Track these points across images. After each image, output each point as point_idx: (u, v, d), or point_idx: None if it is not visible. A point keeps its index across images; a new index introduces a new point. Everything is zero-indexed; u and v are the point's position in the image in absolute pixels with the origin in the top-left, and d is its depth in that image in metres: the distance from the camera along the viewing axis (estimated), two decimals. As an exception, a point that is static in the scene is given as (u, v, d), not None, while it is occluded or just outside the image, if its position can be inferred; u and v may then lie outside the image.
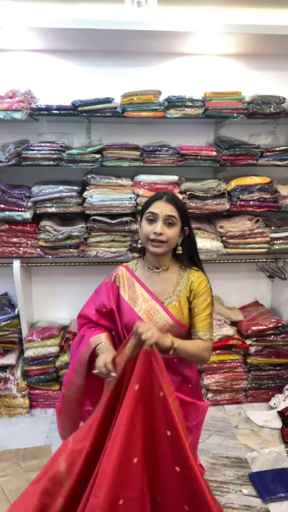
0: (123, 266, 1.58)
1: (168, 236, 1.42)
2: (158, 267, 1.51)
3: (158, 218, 1.42)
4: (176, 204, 1.46)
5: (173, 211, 1.44)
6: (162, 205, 1.43)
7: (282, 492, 2.04)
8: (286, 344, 2.77)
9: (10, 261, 2.58)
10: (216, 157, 2.52)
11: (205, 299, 1.48)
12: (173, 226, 1.44)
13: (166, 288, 1.50)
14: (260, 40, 2.44)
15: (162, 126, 2.69)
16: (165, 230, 1.42)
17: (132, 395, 1.25)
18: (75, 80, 2.61)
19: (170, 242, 1.45)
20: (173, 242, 1.46)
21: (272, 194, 2.60)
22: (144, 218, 1.47)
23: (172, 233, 1.43)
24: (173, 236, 1.44)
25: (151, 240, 1.44)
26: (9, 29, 2.28)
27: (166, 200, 1.44)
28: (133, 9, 2.08)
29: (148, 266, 1.52)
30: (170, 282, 1.50)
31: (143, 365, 1.25)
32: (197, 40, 2.44)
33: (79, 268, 2.82)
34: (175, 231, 1.45)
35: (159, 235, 1.41)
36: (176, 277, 1.51)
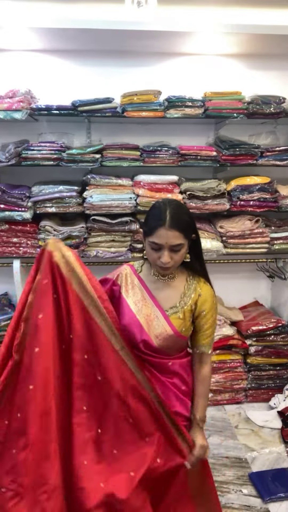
0: (129, 265, 1.53)
1: (176, 261, 1.37)
2: (164, 276, 1.46)
3: (163, 249, 1.33)
4: (181, 226, 1.32)
5: (178, 237, 1.32)
6: (166, 234, 1.31)
7: (282, 492, 2.04)
8: (286, 344, 2.77)
9: (10, 261, 2.58)
10: (216, 157, 2.52)
11: (212, 316, 1.46)
12: (179, 251, 1.36)
13: (172, 297, 1.45)
14: (260, 40, 2.44)
15: (162, 126, 2.69)
16: (172, 256, 1.35)
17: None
18: (75, 80, 2.61)
19: (178, 263, 1.40)
20: (181, 261, 1.41)
21: (272, 194, 2.60)
22: (148, 243, 1.37)
23: (179, 257, 1.37)
24: (180, 258, 1.38)
25: (158, 265, 1.38)
26: (9, 29, 2.28)
27: (169, 227, 1.30)
28: (133, 9, 2.08)
29: (153, 272, 1.47)
30: (176, 291, 1.45)
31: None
32: (197, 40, 2.44)
33: (79, 268, 2.82)
34: (182, 252, 1.37)
35: (166, 263, 1.35)
36: (184, 287, 1.45)
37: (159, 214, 1.33)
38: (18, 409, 1.26)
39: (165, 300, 1.44)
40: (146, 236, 1.38)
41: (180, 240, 1.33)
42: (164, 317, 1.41)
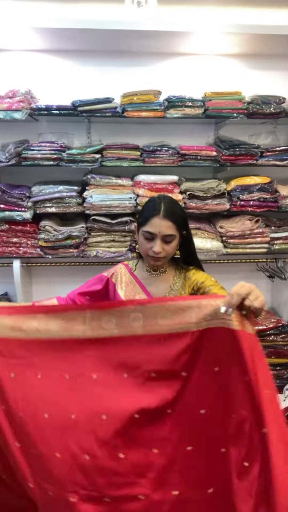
0: (123, 264, 1.60)
1: (167, 252, 1.42)
2: (156, 270, 1.52)
3: (156, 238, 1.39)
4: (174, 218, 1.39)
5: (171, 227, 1.38)
6: (159, 223, 1.37)
7: (282, 492, 2.03)
8: (286, 344, 2.77)
9: (10, 261, 2.58)
10: (216, 157, 2.52)
11: (208, 278, 1.48)
12: (171, 242, 1.41)
13: (162, 288, 1.51)
14: (260, 40, 2.44)
15: (162, 126, 2.69)
16: (164, 247, 1.40)
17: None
18: (75, 80, 2.61)
19: (169, 255, 1.45)
20: (172, 253, 1.46)
21: (272, 194, 2.60)
22: (141, 233, 1.42)
23: (170, 248, 1.42)
24: (171, 250, 1.44)
25: (150, 256, 1.43)
26: (9, 29, 2.28)
27: (163, 217, 1.37)
28: (133, 9, 2.08)
29: (146, 268, 1.54)
30: (166, 283, 1.52)
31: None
32: (197, 40, 2.44)
33: (79, 268, 2.82)
34: (174, 244, 1.43)
35: (158, 253, 1.40)
36: (173, 278, 1.52)
37: (154, 205, 1.41)
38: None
39: (157, 293, 1.50)
40: (140, 227, 1.43)
41: (173, 231, 1.39)
42: None
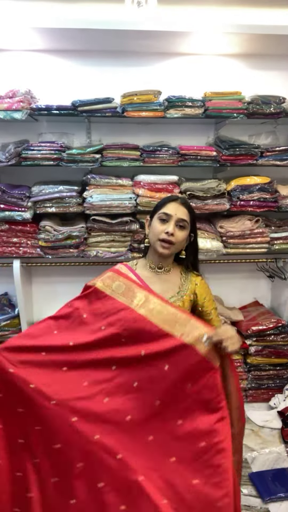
0: (123, 264, 1.60)
1: (178, 238, 1.45)
2: (160, 267, 1.53)
3: (171, 219, 1.45)
4: (189, 209, 1.49)
5: (186, 214, 1.47)
6: (176, 207, 1.46)
7: (282, 492, 2.04)
8: (286, 344, 2.77)
9: (10, 261, 2.58)
10: (216, 157, 2.52)
11: (213, 301, 1.58)
12: (183, 229, 1.47)
13: (170, 288, 1.52)
14: (260, 40, 2.44)
15: (162, 126, 2.69)
16: (176, 232, 1.45)
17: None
18: (75, 80, 2.61)
19: (178, 245, 1.48)
20: (181, 245, 1.50)
21: (272, 194, 2.60)
22: (156, 218, 1.49)
23: (181, 236, 1.46)
24: (181, 239, 1.47)
25: (161, 240, 1.45)
26: (9, 29, 2.28)
27: (180, 203, 1.48)
28: (133, 9, 2.08)
29: (150, 265, 1.54)
30: (173, 283, 1.52)
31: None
32: (197, 40, 2.44)
33: (79, 268, 2.82)
34: (184, 234, 1.48)
35: (170, 236, 1.43)
36: (180, 280, 1.54)
37: (172, 196, 1.54)
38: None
39: (164, 292, 1.49)
40: (155, 212, 1.50)
41: (187, 218, 1.48)
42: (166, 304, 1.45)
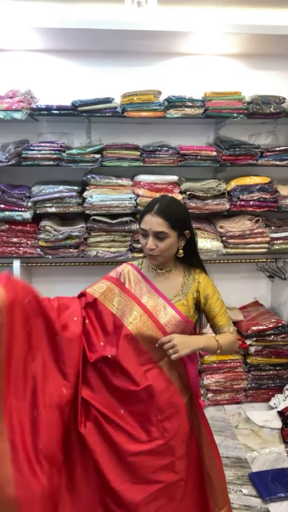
0: (129, 264, 1.60)
1: (161, 249, 1.42)
2: (161, 268, 1.53)
3: (148, 234, 1.43)
4: (166, 216, 1.40)
5: (162, 225, 1.39)
6: (150, 220, 1.41)
7: (282, 492, 2.04)
8: (286, 344, 2.77)
9: (10, 261, 2.58)
10: (216, 157, 2.52)
11: (218, 298, 1.55)
12: (164, 239, 1.42)
13: (173, 287, 1.51)
14: (260, 40, 2.44)
15: (162, 126, 2.69)
16: (157, 244, 1.41)
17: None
18: (75, 80, 2.61)
19: (165, 254, 1.45)
20: (169, 252, 1.46)
21: (272, 194, 2.60)
22: (139, 231, 1.49)
23: (164, 245, 1.42)
24: (166, 248, 1.43)
25: (147, 252, 1.46)
26: (9, 29, 2.28)
27: (155, 213, 1.40)
28: (133, 9, 2.08)
29: (152, 267, 1.55)
30: (176, 282, 1.52)
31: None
32: (197, 40, 2.44)
33: (79, 268, 2.82)
34: (168, 242, 1.42)
35: (151, 250, 1.42)
36: (182, 278, 1.53)
37: (150, 204, 1.46)
38: None
39: (168, 291, 1.50)
40: (139, 226, 1.49)
41: (164, 228, 1.41)
42: (170, 306, 1.47)
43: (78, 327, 1.38)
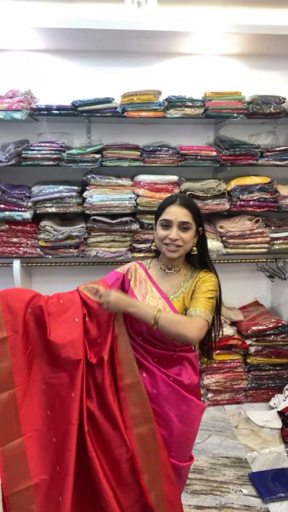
0: (137, 262, 1.60)
1: (184, 240, 1.43)
2: (170, 268, 1.52)
3: (172, 224, 1.42)
4: (190, 207, 1.45)
5: (187, 215, 1.43)
6: (175, 210, 1.42)
7: (282, 492, 2.04)
8: (286, 344, 2.77)
9: (10, 261, 2.58)
10: (216, 157, 2.52)
11: (206, 287, 1.45)
12: (187, 230, 1.44)
13: (173, 286, 1.51)
14: (260, 40, 2.45)
15: (162, 126, 2.69)
16: (181, 235, 1.42)
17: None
18: (75, 80, 2.61)
19: (186, 246, 1.46)
20: (189, 245, 1.47)
21: (272, 194, 2.60)
22: (158, 224, 1.47)
23: (187, 236, 1.44)
24: (188, 240, 1.45)
25: (166, 244, 1.44)
26: (9, 29, 2.28)
27: (179, 204, 1.43)
28: (133, 9, 2.08)
29: (161, 266, 1.54)
30: (178, 282, 1.52)
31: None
32: (197, 40, 2.44)
33: (79, 268, 2.82)
34: (190, 234, 1.45)
35: (175, 241, 1.42)
36: (184, 277, 1.52)
37: (170, 198, 1.48)
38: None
39: (169, 290, 1.50)
40: (157, 219, 1.48)
41: (189, 219, 1.43)
42: (169, 305, 1.46)
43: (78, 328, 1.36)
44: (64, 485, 1.25)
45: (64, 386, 1.30)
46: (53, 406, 1.30)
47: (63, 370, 1.30)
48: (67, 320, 1.36)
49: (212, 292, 1.45)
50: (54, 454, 1.29)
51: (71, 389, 1.29)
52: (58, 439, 1.29)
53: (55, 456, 1.29)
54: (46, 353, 1.31)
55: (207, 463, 2.26)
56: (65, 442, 1.27)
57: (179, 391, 1.45)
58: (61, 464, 1.27)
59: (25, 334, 1.26)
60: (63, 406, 1.29)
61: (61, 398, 1.30)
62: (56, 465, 1.28)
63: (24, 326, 1.26)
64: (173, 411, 1.45)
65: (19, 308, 1.26)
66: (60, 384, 1.31)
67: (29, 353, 1.28)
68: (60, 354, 1.29)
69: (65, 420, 1.28)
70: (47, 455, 1.29)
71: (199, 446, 2.39)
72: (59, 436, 1.29)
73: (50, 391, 1.31)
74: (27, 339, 1.27)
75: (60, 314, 1.36)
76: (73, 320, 1.36)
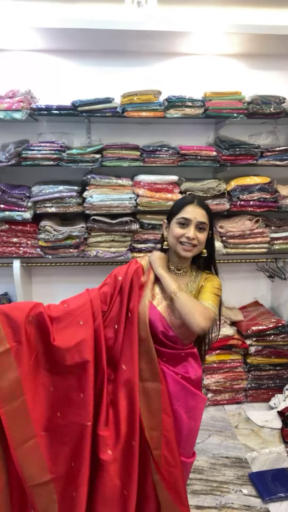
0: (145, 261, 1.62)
1: (200, 240, 1.44)
2: (179, 269, 1.53)
3: (190, 223, 1.43)
4: (207, 209, 1.47)
5: (204, 216, 1.45)
6: (194, 210, 1.44)
7: (282, 492, 2.04)
8: (286, 344, 2.77)
9: (10, 261, 2.58)
10: (216, 157, 2.51)
11: (213, 285, 1.49)
12: (203, 231, 1.45)
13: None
14: (260, 40, 2.44)
15: (162, 126, 2.69)
16: (197, 235, 1.43)
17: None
18: (75, 80, 2.61)
19: (200, 247, 1.47)
20: (202, 246, 1.49)
21: (272, 194, 2.60)
22: (175, 222, 1.46)
23: (203, 237, 1.45)
24: (203, 241, 1.46)
25: (181, 242, 1.44)
26: (9, 29, 2.28)
27: (197, 205, 1.45)
28: (133, 9, 2.08)
29: (169, 266, 1.54)
30: (185, 282, 1.52)
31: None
32: (197, 40, 2.44)
33: (79, 268, 2.82)
34: (205, 235, 1.46)
35: (192, 240, 1.43)
36: (190, 278, 1.54)
37: (187, 197, 1.50)
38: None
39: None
40: (173, 216, 1.48)
41: (206, 220, 1.45)
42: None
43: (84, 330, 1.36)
44: (78, 482, 1.29)
45: (72, 388, 1.32)
46: (62, 408, 1.32)
47: (69, 372, 1.32)
48: (71, 323, 1.36)
49: (218, 290, 1.50)
50: (68, 454, 1.31)
51: (80, 390, 1.31)
52: (70, 439, 1.31)
53: (69, 455, 1.31)
54: (52, 357, 1.32)
55: (207, 463, 2.26)
56: (78, 443, 1.29)
57: (188, 387, 1.47)
58: (76, 462, 1.30)
59: (28, 342, 1.28)
60: (73, 407, 1.31)
61: (70, 399, 1.32)
62: (71, 462, 1.31)
63: (26, 335, 1.27)
64: (183, 408, 1.46)
65: (20, 318, 1.27)
66: (67, 386, 1.32)
67: (34, 359, 1.30)
68: (66, 357, 1.30)
69: (77, 421, 1.30)
70: (61, 454, 1.31)
71: (199, 446, 2.39)
72: (72, 437, 1.31)
73: (59, 393, 1.33)
74: (31, 347, 1.29)
75: (64, 318, 1.36)
76: (77, 323, 1.36)
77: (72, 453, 1.32)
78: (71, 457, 1.32)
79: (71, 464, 1.31)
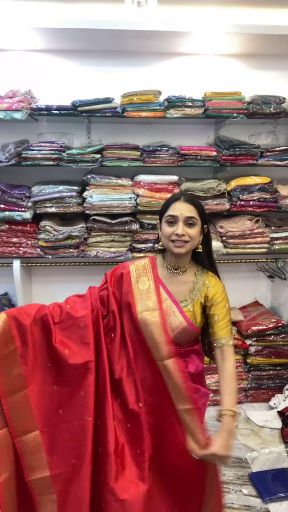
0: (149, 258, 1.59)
1: (190, 235, 1.42)
2: (177, 268, 1.51)
3: (178, 220, 1.42)
4: (195, 203, 1.45)
5: (192, 211, 1.43)
6: (180, 206, 1.43)
7: (282, 492, 2.04)
8: (286, 344, 2.77)
9: (10, 261, 2.58)
10: (216, 157, 2.52)
11: (224, 305, 1.49)
12: (193, 226, 1.43)
13: (182, 290, 1.50)
14: (260, 40, 2.44)
15: (162, 126, 2.69)
16: (187, 231, 1.42)
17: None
18: (75, 80, 2.62)
19: (193, 242, 1.45)
20: (196, 241, 1.46)
21: (272, 194, 2.60)
22: (164, 221, 1.46)
23: (193, 232, 1.43)
24: (195, 236, 1.44)
25: (172, 240, 1.43)
26: (9, 29, 2.28)
27: (184, 200, 1.43)
28: (133, 9, 2.08)
29: (167, 266, 1.52)
30: (186, 285, 1.50)
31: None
32: (197, 40, 2.44)
33: (79, 268, 2.82)
34: (196, 230, 1.44)
35: (181, 236, 1.41)
36: (192, 281, 1.51)
37: (175, 195, 1.49)
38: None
39: (177, 293, 1.49)
40: (162, 216, 1.47)
41: (194, 214, 1.43)
42: (179, 311, 1.47)
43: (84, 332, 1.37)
44: (80, 478, 1.30)
45: (73, 387, 1.34)
46: (64, 405, 1.35)
47: (70, 372, 1.34)
48: (72, 325, 1.37)
49: (228, 309, 1.50)
50: (70, 450, 1.32)
51: (80, 389, 1.33)
52: (72, 436, 1.33)
53: (71, 452, 1.32)
54: (54, 358, 1.35)
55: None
56: (79, 438, 1.31)
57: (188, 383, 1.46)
58: (78, 459, 1.31)
59: (33, 343, 1.33)
60: (74, 405, 1.34)
61: (71, 397, 1.34)
62: (72, 459, 1.32)
63: (32, 337, 1.32)
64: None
65: (27, 320, 1.32)
66: (69, 385, 1.34)
67: (38, 359, 1.34)
68: (67, 359, 1.33)
69: (77, 417, 1.32)
70: (63, 451, 1.33)
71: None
72: (73, 433, 1.33)
73: (61, 391, 1.35)
74: (35, 347, 1.34)
75: (66, 320, 1.38)
76: (78, 326, 1.37)
77: (73, 451, 1.33)
78: (73, 456, 1.33)
79: (72, 461, 1.32)
